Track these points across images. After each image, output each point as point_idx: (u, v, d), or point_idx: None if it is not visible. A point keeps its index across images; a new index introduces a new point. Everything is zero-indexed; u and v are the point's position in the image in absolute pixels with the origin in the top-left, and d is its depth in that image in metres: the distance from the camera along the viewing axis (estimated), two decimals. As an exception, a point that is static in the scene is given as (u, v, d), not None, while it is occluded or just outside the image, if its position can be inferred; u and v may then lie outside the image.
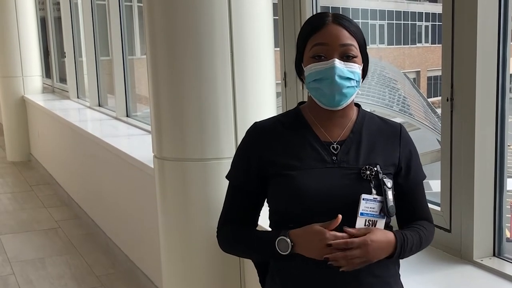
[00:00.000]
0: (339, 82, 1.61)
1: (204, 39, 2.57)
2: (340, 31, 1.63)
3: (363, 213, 1.59)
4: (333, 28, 1.63)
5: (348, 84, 1.63)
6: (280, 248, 1.62)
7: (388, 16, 22.42)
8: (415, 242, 1.66)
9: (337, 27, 1.63)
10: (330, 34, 1.63)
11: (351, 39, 1.63)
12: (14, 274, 4.67)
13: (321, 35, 1.63)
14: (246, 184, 1.75)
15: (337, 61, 1.61)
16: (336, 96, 1.63)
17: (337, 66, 1.61)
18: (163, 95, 2.70)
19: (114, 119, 5.95)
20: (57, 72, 9.19)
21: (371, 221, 1.60)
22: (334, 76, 1.61)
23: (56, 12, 8.75)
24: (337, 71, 1.61)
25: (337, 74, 1.61)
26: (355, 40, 1.64)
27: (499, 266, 2.15)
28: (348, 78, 1.62)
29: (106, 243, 5.18)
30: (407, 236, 1.64)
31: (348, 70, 1.62)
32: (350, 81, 1.63)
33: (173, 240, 2.83)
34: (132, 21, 7.01)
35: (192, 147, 2.67)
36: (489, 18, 2.09)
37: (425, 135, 9.72)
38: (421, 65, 20.81)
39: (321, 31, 1.63)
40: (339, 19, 1.65)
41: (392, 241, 1.60)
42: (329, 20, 1.64)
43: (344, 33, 1.63)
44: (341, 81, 1.62)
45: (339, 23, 1.64)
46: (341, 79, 1.61)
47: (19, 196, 6.97)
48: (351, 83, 1.63)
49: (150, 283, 4.19)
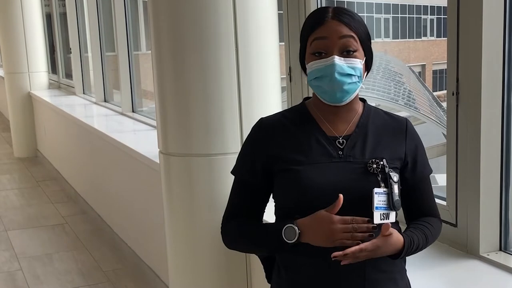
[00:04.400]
0: (339, 79, 1.61)
1: (209, 34, 2.57)
2: (339, 25, 1.62)
3: (378, 207, 1.59)
4: (333, 23, 1.62)
5: (349, 80, 1.62)
6: (286, 236, 1.61)
7: (393, 9, 22.35)
8: (420, 243, 1.66)
9: (337, 23, 1.62)
10: (329, 29, 1.62)
11: (351, 32, 1.62)
12: (21, 270, 4.69)
13: (320, 30, 1.63)
14: (251, 179, 1.74)
15: (337, 57, 1.60)
16: (337, 94, 1.63)
17: (337, 63, 1.60)
18: (168, 91, 2.70)
19: (120, 115, 5.96)
20: (63, 68, 9.21)
21: (384, 214, 1.60)
22: (333, 74, 1.60)
23: (61, 8, 8.76)
24: (336, 68, 1.60)
25: (337, 71, 1.60)
26: (355, 34, 1.63)
27: (505, 261, 2.14)
28: (349, 75, 1.62)
29: (112, 239, 5.19)
30: (414, 240, 1.64)
31: (348, 66, 1.61)
32: (351, 77, 1.62)
33: (179, 235, 2.83)
34: (138, 16, 7.01)
35: (197, 143, 2.67)
36: (495, 11, 2.08)
37: (430, 129, 9.70)
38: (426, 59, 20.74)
39: (321, 26, 1.63)
40: (340, 14, 1.64)
41: (400, 245, 1.60)
42: (329, 16, 1.64)
43: (343, 27, 1.62)
44: (341, 78, 1.61)
45: (339, 19, 1.63)
46: (341, 76, 1.61)
47: (26, 192, 7.00)
48: (352, 79, 1.63)
49: (157, 278, 4.21)
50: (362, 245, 1.53)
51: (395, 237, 1.59)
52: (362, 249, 1.53)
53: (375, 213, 1.59)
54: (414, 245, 1.63)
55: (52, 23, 9.23)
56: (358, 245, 1.53)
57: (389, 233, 1.55)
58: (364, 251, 1.53)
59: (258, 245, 1.75)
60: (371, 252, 1.55)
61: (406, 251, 1.61)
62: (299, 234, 1.59)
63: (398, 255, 1.61)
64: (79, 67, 7.86)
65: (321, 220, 1.56)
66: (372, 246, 1.54)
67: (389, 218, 1.61)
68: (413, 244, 1.63)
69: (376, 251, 1.55)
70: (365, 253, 1.54)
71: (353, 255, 1.53)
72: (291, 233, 1.60)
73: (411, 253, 1.66)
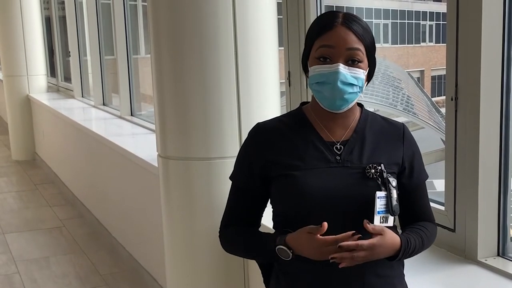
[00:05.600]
0: (341, 88, 1.60)
1: (209, 38, 2.57)
2: (348, 34, 1.60)
3: (379, 211, 1.60)
4: (342, 30, 1.60)
5: (350, 90, 1.61)
6: (282, 256, 1.63)
7: (392, 15, 22.38)
8: (417, 246, 1.66)
9: (346, 30, 1.60)
10: (337, 37, 1.60)
11: (359, 43, 1.61)
12: (18, 273, 4.68)
13: (328, 36, 1.61)
14: (249, 185, 1.74)
15: (341, 66, 1.59)
16: (337, 101, 1.62)
17: (341, 72, 1.59)
18: (167, 94, 2.70)
19: (118, 118, 5.95)
20: (62, 71, 9.21)
21: (384, 218, 1.61)
22: (336, 81, 1.60)
23: (61, 12, 8.76)
24: (340, 76, 1.59)
25: (340, 80, 1.59)
26: (363, 45, 1.61)
27: (503, 266, 2.14)
28: (351, 84, 1.61)
29: (110, 242, 5.18)
30: (411, 241, 1.63)
31: (352, 76, 1.60)
32: (353, 87, 1.62)
33: (177, 239, 2.83)
34: (137, 20, 7.02)
35: (196, 146, 2.67)
36: (494, 17, 2.08)
37: (429, 134, 9.69)
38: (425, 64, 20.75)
39: (329, 32, 1.61)
40: (349, 21, 1.62)
41: (397, 246, 1.60)
42: (338, 21, 1.61)
43: (352, 37, 1.60)
44: (343, 87, 1.60)
45: (348, 26, 1.61)
46: (343, 85, 1.60)
47: (24, 195, 6.98)
48: (353, 89, 1.62)
49: (154, 282, 4.20)
50: (358, 241, 1.53)
51: (391, 236, 1.58)
52: (358, 245, 1.52)
53: (376, 217, 1.59)
54: (411, 246, 1.63)
55: (51, 26, 9.23)
56: (354, 241, 1.53)
57: (372, 228, 1.55)
58: (360, 248, 1.53)
59: (257, 256, 1.78)
60: (368, 251, 1.54)
61: (403, 251, 1.61)
62: (292, 252, 1.61)
63: (396, 256, 1.61)
64: (78, 70, 7.86)
65: (305, 239, 1.57)
66: (368, 244, 1.53)
67: (387, 222, 1.61)
68: (410, 245, 1.62)
69: (372, 251, 1.55)
70: (362, 254, 1.53)
71: (350, 256, 1.53)
72: (284, 252, 1.62)
73: (409, 255, 1.66)
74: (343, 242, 1.53)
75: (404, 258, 1.66)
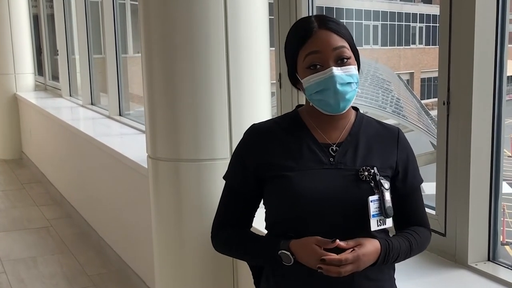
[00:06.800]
0: (341, 90, 1.60)
1: (199, 39, 2.55)
2: (329, 35, 1.61)
3: (374, 215, 1.60)
4: (322, 33, 1.61)
5: (350, 89, 1.62)
6: (284, 260, 1.62)
7: (382, 17, 22.43)
8: (402, 249, 1.65)
9: (326, 32, 1.61)
10: (321, 41, 1.60)
11: (342, 40, 1.62)
12: (5, 273, 4.64)
13: (311, 43, 1.61)
14: (242, 185, 1.74)
15: (335, 68, 1.59)
16: (341, 104, 1.62)
17: (336, 74, 1.59)
18: (157, 96, 2.69)
19: (107, 118, 5.92)
20: (50, 70, 9.15)
21: (380, 220, 1.61)
22: (335, 85, 1.59)
23: (49, 9, 8.70)
24: (337, 79, 1.59)
25: (338, 83, 1.60)
26: (345, 40, 1.62)
27: (493, 271, 2.14)
28: (349, 83, 1.61)
29: (98, 243, 5.15)
30: (393, 243, 1.63)
31: (347, 75, 1.61)
32: (351, 85, 1.62)
33: (166, 240, 2.81)
34: (125, 19, 6.98)
35: (186, 148, 2.65)
36: (487, 20, 2.08)
37: (418, 137, 9.72)
38: (414, 67, 20.82)
39: (310, 39, 1.61)
40: (325, 22, 1.62)
41: (379, 250, 1.60)
42: (315, 26, 1.62)
43: (333, 36, 1.61)
44: (343, 88, 1.61)
45: (327, 27, 1.62)
46: (342, 86, 1.60)
47: (11, 194, 6.93)
48: (352, 87, 1.63)
49: (142, 283, 4.17)
50: (342, 255, 1.53)
51: (371, 243, 1.58)
52: (342, 259, 1.52)
53: (372, 221, 1.59)
54: (393, 249, 1.62)
55: (39, 24, 9.16)
56: (337, 257, 1.53)
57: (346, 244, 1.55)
58: (345, 262, 1.53)
59: (256, 259, 1.76)
60: (354, 264, 1.54)
61: (384, 254, 1.60)
62: (293, 258, 1.60)
63: (377, 261, 1.60)
64: (66, 69, 7.81)
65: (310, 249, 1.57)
66: (352, 257, 1.54)
67: (385, 224, 1.61)
68: (391, 249, 1.61)
69: (358, 263, 1.55)
70: (349, 268, 1.54)
71: (335, 269, 1.53)
72: (286, 257, 1.61)
73: (394, 260, 1.65)
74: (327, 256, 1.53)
75: (390, 262, 1.65)
